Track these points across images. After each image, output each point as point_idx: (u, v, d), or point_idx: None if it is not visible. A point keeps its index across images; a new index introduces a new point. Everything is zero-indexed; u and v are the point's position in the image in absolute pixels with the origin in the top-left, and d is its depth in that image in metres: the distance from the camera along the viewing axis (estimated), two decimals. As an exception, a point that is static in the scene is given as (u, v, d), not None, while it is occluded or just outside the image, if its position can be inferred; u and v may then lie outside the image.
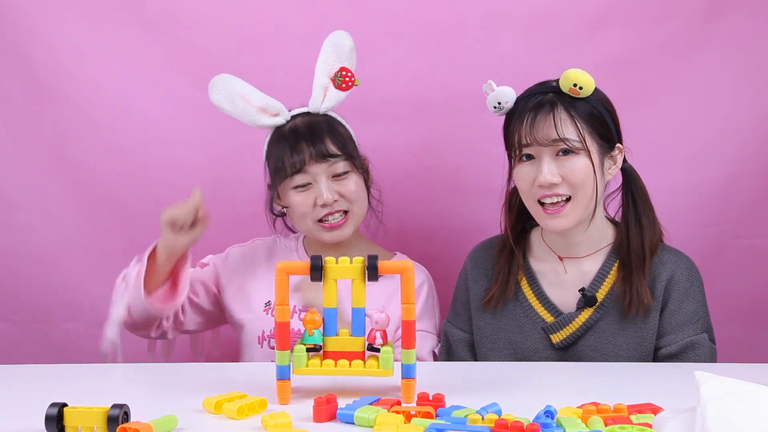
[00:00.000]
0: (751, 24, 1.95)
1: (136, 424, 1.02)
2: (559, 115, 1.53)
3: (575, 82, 1.52)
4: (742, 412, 0.88)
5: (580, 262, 1.63)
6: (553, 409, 1.07)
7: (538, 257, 1.67)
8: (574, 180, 1.53)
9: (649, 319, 1.58)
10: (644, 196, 1.63)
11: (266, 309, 1.75)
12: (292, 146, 1.67)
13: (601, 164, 1.57)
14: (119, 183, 2.02)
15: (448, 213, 2.03)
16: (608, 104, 1.60)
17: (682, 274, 1.60)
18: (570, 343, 1.60)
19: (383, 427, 1.02)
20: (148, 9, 2.00)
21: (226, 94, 1.70)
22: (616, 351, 1.58)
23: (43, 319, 2.05)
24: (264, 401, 1.16)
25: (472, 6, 1.99)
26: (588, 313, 1.60)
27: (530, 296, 1.64)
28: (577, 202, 1.54)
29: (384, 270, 1.21)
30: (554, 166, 1.53)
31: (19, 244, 2.03)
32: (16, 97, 2.01)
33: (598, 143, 1.56)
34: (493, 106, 1.60)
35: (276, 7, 2.01)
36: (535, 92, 1.57)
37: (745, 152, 1.97)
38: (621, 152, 1.61)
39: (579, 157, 1.53)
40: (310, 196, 1.68)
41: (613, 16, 1.97)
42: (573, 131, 1.53)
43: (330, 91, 1.71)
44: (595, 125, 1.55)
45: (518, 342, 1.63)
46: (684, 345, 1.57)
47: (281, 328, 1.20)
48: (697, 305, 1.60)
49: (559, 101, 1.54)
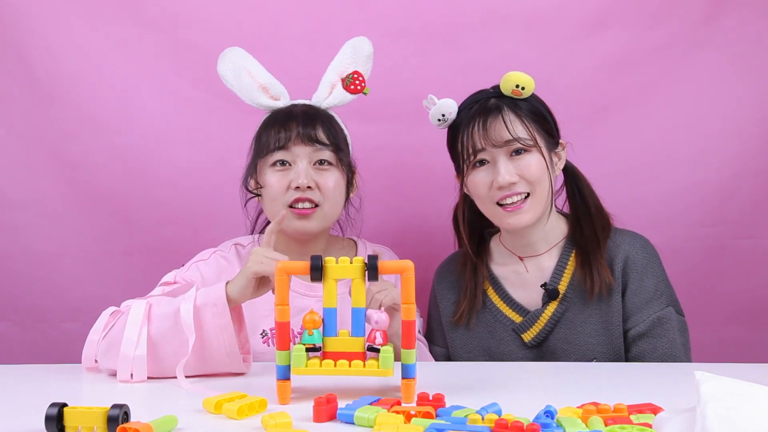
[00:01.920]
0: (751, 24, 1.95)
1: (136, 424, 1.02)
2: (508, 116, 1.57)
3: (517, 83, 1.57)
4: (742, 412, 0.87)
5: (539, 259, 1.67)
6: (553, 409, 1.07)
7: (499, 262, 1.71)
8: (531, 176, 1.57)
9: (612, 302, 1.60)
10: (588, 187, 1.68)
11: (265, 340, 1.66)
12: (282, 124, 1.63)
13: (551, 160, 1.61)
14: (119, 183, 2.02)
15: (447, 213, 2.03)
16: (544, 104, 1.63)
17: (638, 253, 1.62)
18: (541, 339, 1.63)
19: (383, 427, 1.02)
20: (148, 9, 2.00)
21: (233, 67, 1.66)
22: (585, 339, 1.60)
23: (43, 319, 2.05)
24: (264, 401, 1.16)
25: (472, 6, 1.99)
26: (553, 307, 1.63)
27: (497, 301, 1.68)
28: (536, 197, 1.59)
29: (384, 270, 1.21)
30: (511, 166, 1.57)
31: (19, 244, 2.03)
32: (16, 97, 2.01)
33: (545, 140, 1.60)
34: (437, 119, 1.64)
35: (276, 7, 2.01)
36: (476, 100, 1.62)
37: (745, 152, 1.97)
38: (564, 148, 1.66)
39: (531, 154, 1.57)
40: (286, 177, 1.62)
41: (613, 16, 1.97)
42: (523, 130, 1.57)
43: (336, 89, 1.69)
44: (540, 122, 1.60)
45: (492, 347, 1.66)
46: (652, 322, 1.59)
47: (281, 328, 1.19)
48: (658, 280, 1.62)
49: (504, 103, 1.58)
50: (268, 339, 1.65)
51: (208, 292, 1.42)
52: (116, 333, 1.42)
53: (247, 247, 1.72)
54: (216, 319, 1.39)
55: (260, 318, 1.65)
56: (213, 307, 1.39)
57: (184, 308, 1.40)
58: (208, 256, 1.69)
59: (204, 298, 1.40)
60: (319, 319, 1.22)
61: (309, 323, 1.22)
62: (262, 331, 1.66)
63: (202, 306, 1.40)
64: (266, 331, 1.66)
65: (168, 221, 2.03)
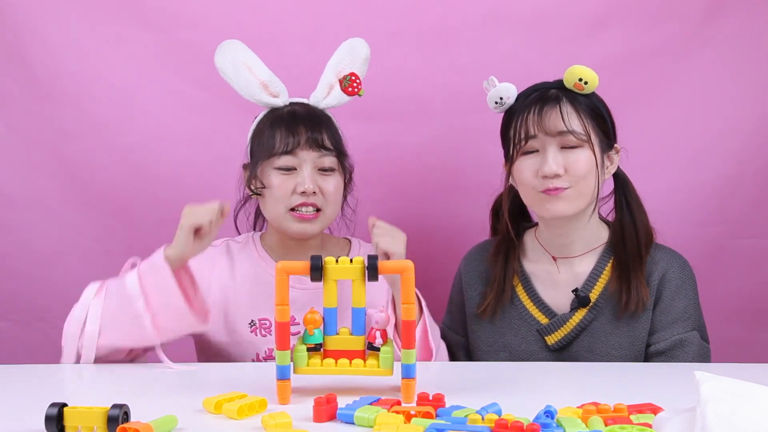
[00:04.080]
0: (750, 24, 1.95)
1: (136, 424, 1.02)
2: (566, 107, 1.55)
3: (581, 77, 1.55)
4: (742, 412, 0.88)
5: (573, 262, 1.64)
6: (553, 409, 1.07)
7: (532, 259, 1.68)
8: (577, 172, 1.54)
9: (642, 318, 1.58)
10: (637, 199, 1.65)
11: (253, 330, 1.69)
12: (288, 127, 1.62)
13: (602, 161, 1.58)
14: (119, 183, 2.02)
15: (448, 213, 2.03)
16: (605, 105, 1.62)
17: (675, 272, 1.60)
18: (565, 344, 1.61)
19: (383, 427, 1.02)
20: (148, 9, 2.00)
21: (232, 60, 1.65)
22: (609, 351, 1.59)
23: (43, 319, 2.05)
24: (264, 401, 1.16)
25: (472, 6, 1.99)
26: (582, 314, 1.60)
27: (524, 299, 1.65)
28: (577, 190, 1.55)
29: (384, 270, 1.21)
30: (560, 158, 1.54)
31: (19, 244, 2.03)
32: (16, 96, 2.01)
33: (600, 138, 1.58)
34: (495, 101, 1.61)
35: (276, 7, 2.01)
36: (537, 88, 1.60)
37: (745, 152, 1.97)
38: (618, 153, 1.63)
39: (583, 150, 1.55)
40: (291, 181, 1.62)
41: (613, 16, 1.97)
42: (579, 124, 1.55)
43: (335, 90, 1.69)
44: (598, 121, 1.58)
45: (514, 345, 1.64)
46: (673, 342, 1.58)
47: (281, 328, 1.20)
48: (689, 303, 1.60)
49: (564, 95, 1.56)
50: (256, 329, 1.68)
51: (150, 259, 1.51)
52: (71, 314, 1.53)
53: (241, 243, 1.75)
54: (160, 280, 1.47)
55: (250, 308, 1.68)
56: (154, 270, 1.49)
57: (129, 278, 1.49)
58: None
59: (146, 266, 1.50)
60: (320, 318, 1.22)
61: (310, 322, 1.22)
62: (250, 321, 1.68)
63: (144, 273, 1.49)
64: (254, 321, 1.68)
65: (168, 221, 2.01)
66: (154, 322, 1.48)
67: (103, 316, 1.50)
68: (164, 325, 1.50)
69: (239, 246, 1.74)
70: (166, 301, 1.48)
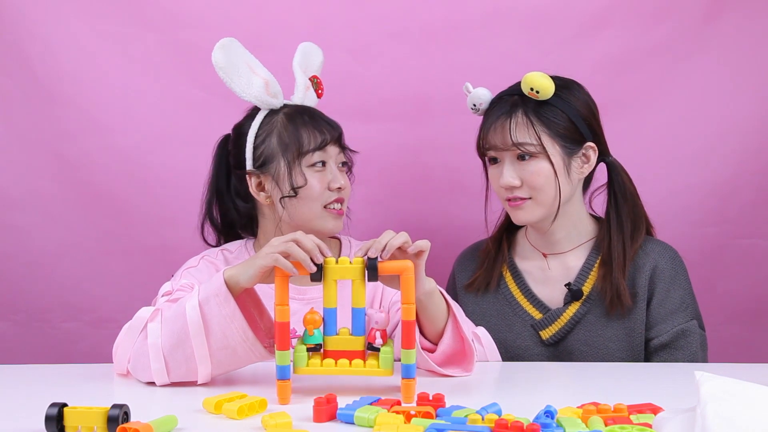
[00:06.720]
0: (750, 24, 1.95)
1: (136, 424, 1.02)
2: (516, 120, 1.56)
3: (531, 86, 1.55)
4: (742, 412, 0.88)
5: (563, 257, 1.66)
6: (553, 409, 1.07)
7: (523, 256, 1.70)
8: (533, 183, 1.56)
9: (636, 311, 1.59)
10: (625, 191, 1.64)
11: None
12: (314, 124, 1.61)
13: (566, 166, 1.58)
14: (119, 183, 2.02)
15: (447, 213, 2.03)
16: (579, 102, 1.60)
17: (666, 264, 1.61)
18: (559, 338, 1.62)
19: (383, 427, 1.02)
20: (148, 9, 2.00)
21: (231, 58, 1.60)
22: (605, 344, 1.60)
23: (43, 319, 2.05)
24: (264, 401, 1.16)
25: (472, 6, 1.99)
26: (575, 307, 1.62)
27: (517, 294, 1.66)
28: (537, 202, 1.58)
29: (384, 270, 1.21)
30: (512, 170, 1.57)
31: (19, 244, 2.03)
32: (16, 97, 2.00)
33: (560, 146, 1.57)
34: (471, 107, 1.65)
35: (276, 7, 2.01)
36: (503, 95, 1.61)
37: (745, 152, 1.97)
38: (595, 151, 1.61)
39: (538, 161, 1.56)
40: (324, 178, 1.61)
41: (613, 16, 1.97)
42: (529, 136, 1.55)
43: (309, 90, 1.68)
44: (557, 128, 1.57)
45: (508, 340, 1.65)
46: (675, 333, 1.58)
47: (281, 328, 1.20)
48: (684, 293, 1.61)
49: (521, 105, 1.57)
50: None
51: (208, 284, 1.35)
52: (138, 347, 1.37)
53: (235, 252, 1.68)
54: (221, 308, 1.31)
55: None
56: (215, 297, 1.31)
57: (188, 306, 1.33)
58: (196, 262, 1.64)
59: (205, 292, 1.33)
60: (320, 318, 1.22)
61: (310, 323, 1.22)
62: None
63: (204, 300, 1.32)
64: None
65: (168, 221, 2.03)
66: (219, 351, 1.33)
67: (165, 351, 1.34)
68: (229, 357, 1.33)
69: (233, 255, 1.68)
70: (229, 328, 1.31)
